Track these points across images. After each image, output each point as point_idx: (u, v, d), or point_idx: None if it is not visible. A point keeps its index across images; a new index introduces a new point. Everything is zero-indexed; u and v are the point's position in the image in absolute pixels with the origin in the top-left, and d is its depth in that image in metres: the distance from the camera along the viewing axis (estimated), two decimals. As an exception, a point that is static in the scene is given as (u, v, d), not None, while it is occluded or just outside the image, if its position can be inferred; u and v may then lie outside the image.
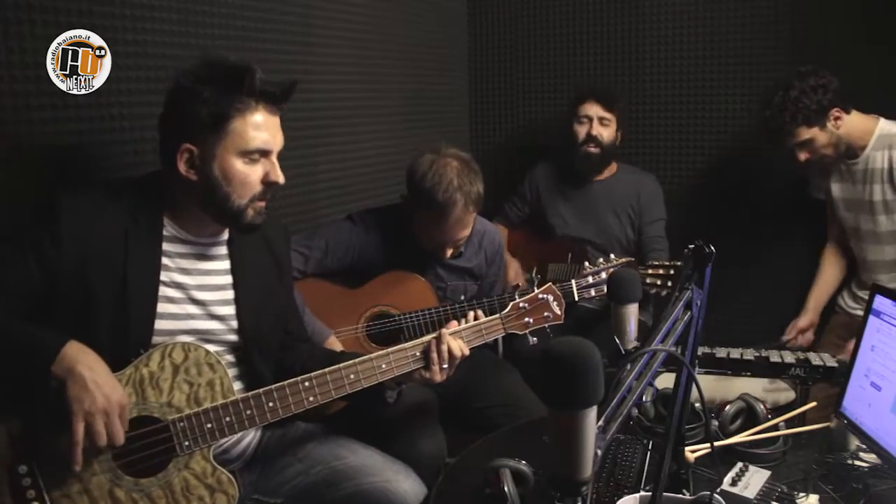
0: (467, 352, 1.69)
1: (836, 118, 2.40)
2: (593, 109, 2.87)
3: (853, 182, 2.51)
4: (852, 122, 2.43)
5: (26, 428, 1.34)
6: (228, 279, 1.62)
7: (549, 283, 1.91)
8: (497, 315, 1.83)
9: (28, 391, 1.34)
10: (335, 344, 2.09)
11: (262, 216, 1.55)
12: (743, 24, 3.11)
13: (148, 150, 1.90)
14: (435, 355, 1.63)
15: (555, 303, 1.88)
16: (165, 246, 1.52)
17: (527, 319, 1.85)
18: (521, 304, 1.85)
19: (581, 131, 2.88)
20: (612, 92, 2.93)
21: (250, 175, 1.50)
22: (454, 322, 1.74)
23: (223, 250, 1.63)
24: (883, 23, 2.81)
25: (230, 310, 1.61)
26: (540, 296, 1.87)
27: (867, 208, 2.49)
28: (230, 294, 1.61)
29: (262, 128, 1.49)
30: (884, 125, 2.43)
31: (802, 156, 2.47)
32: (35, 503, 1.33)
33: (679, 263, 2.16)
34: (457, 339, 1.67)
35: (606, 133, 2.88)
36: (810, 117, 2.38)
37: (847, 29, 2.90)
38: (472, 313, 1.99)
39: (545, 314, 1.88)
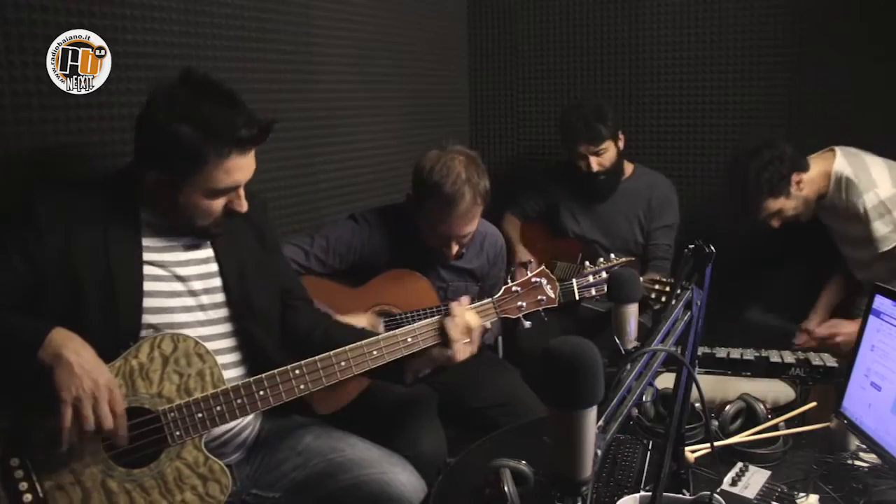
0: (488, 325, 1.70)
1: (798, 182, 2.47)
2: (583, 148, 2.82)
3: (829, 215, 2.58)
4: (812, 177, 2.49)
5: (16, 421, 1.35)
6: (210, 252, 1.63)
7: (543, 268, 1.88)
8: (489, 299, 1.81)
9: (16, 382, 1.34)
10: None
11: (224, 224, 1.57)
12: (742, 25, 3.11)
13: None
14: (454, 332, 1.63)
15: (548, 286, 1.86)
16: (144, 229, 1.54)
17: (520, 303, 1.83)
18: (514, 288, 1.83)
19: (581, 165, 2.86)
20: (595, 127, 2.79)
21: (213, 206, 1.52)
22: (465, 298, 1.73)
23: None
24: (884, 23, 2.81)
25: (216, 282, 1.62)
26: (533, 279, 1.84)
27: (842, 240, 2.59)
28: (214, 267, 1.62)
29: (233, 171, 1.49)
30: (837, 165, 2.46)
31: (775, 223, 2.56)
32: (28, 495, 1.34)
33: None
34: (472, 311, 1.67)
35: (607, 158, 2.85)
36: (773, 189, 2.46)
37: (847, 29, 2.90)
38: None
39: (539, 297, 1.85)
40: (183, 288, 1.57)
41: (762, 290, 3.09)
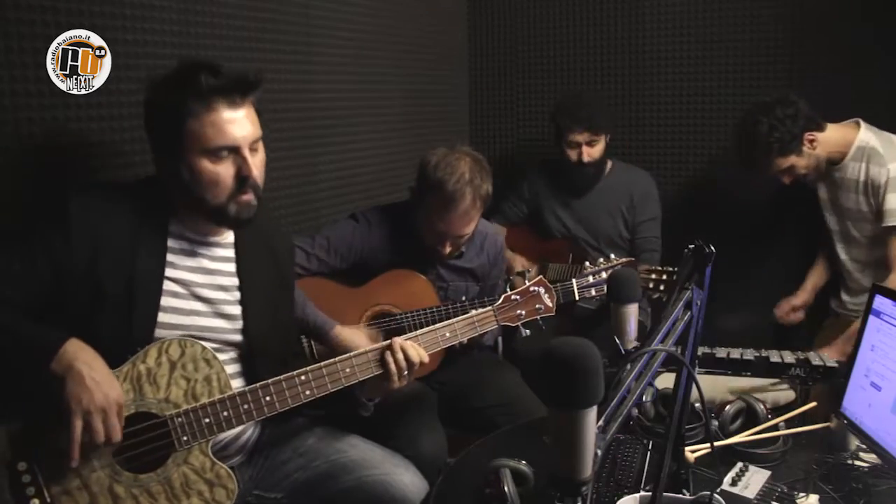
0: (426, 359, 1.65)
1: (811, 140, 2.45)
2: (580, 136, 2.85)
3: (835, 187, 2.56)
4: (829, 138, 2.47)
5: (25, 426, 1.35)
6: (235, 281, 1.62)
7: (540, 277, 1.93)
8: (489, 307, 1.83)
9: (28, 389, 1.34)
10: (341, 333, 2.08)
11: (251, 209, 1.53)
12: (742, 24, 3.11)
13: (148, 150, 1.89)
14: (393, 366, 1.61)
15: (546, 295, 1.90)
16: (171, 243, 1.53)
17: (519, 311, 1.87)
18: (513, 297, 1.87)
19: (572, 155, 2.88)
20: (595, 116, 2.84)
21: (220, 174, 1.48)
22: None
23: (229, 252, 1.63)
24: (884, 23, 2.81)
25: (236, 310, 1.61)
26: (531, 288, 1.89)
27: (843, 213, 2.55)
28: (236, 295, 1.62)
29: (221, 125, 1.45)
30: (863, 135, 2.45)
31: (786, 180, 2.54)
32: (35, 500, 1.34)
33: (675, 269, 2.18)
34: (414, 346, 1.64)
35: (597, 151, 2.89)
36: (784, 148, 2.43)
37: (847, 29, 2.90)
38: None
39: (537, 306, 1.89)
40: (202, 309, 1.56)
41: (764, 286, 3.10)
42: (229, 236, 1.63)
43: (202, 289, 1.56)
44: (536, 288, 1.89)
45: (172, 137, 1.46)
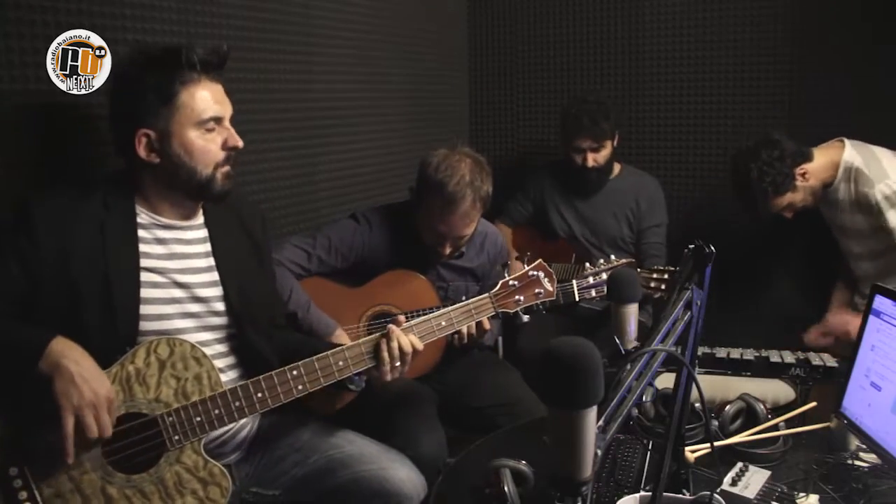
0: (420, 346, 1.65)
1: (803, 174, 2.46)
2: (585, 143, 2.86)
3: (833, 208, 2.57)
4: (818, 165, 2.48)
5: (14, 430, 1.34)
6: (211, 261, 1.63)
7: (540, 261, 1.89)
8: (486, 294, 1.81)
9: (15, 390, 1.34)
10: (342, 337, 2.09)
11: (231, 180, 1.58)
12: (742, 25, 3.11)
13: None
14: (385, 354, 1.61)
15: (546, 279, 1.87)
16: (142, 233, 1.54)
17: (517, 297, 1.84)
18: (510, 282, 1.84)
19: (577, 159, 2.89)
20: (599, 124, 2.84)
21: (209, 144, 1.53)
22: (402, 318, 1.70)
23: (202, 233, 1.64)
24: (883, 23, 2.81)
25: (216, 291, 1.62)
26: (530, 273, 1.86)
27: (844, 232, 2.57)
28: (215, 276, 1.62)
29: (209, 98, 1.52)
30: (847, 155, 2.45)
31: (788, 215, 2.56)
32: None
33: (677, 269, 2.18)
34: (408, 335, 1.64)
35: (602, 156, 2.89)
36: (778, 189, 2.46)
37: (847, 29, 2.90)
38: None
39: (536, 291, 1.86)
40: (183, 295, 1.56)
41: (765, 288, 3.10)
42: (199, 217, 1.64)
43: (179, 274, 1.57)
44: (536, 272, 1.86)
45: (164, 112, 1.48)
